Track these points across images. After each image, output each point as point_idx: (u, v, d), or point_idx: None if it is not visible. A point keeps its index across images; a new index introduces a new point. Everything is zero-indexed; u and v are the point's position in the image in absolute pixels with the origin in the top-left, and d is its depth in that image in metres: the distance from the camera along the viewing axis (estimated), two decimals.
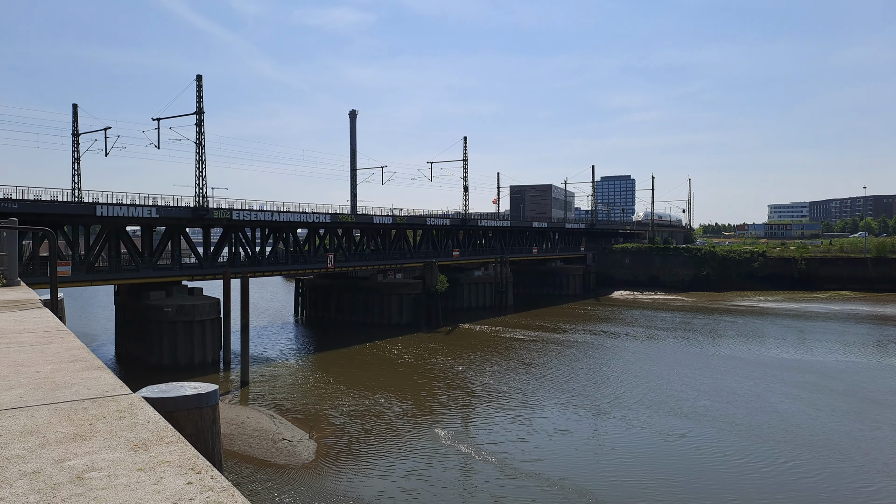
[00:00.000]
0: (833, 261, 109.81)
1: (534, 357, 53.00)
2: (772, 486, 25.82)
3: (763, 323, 72.09)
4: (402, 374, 47.44)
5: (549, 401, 38.94)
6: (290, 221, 62.57)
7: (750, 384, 42.42)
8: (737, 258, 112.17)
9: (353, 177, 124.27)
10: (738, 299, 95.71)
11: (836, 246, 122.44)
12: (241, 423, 33.98)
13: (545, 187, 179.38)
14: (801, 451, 29.72)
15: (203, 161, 55.66)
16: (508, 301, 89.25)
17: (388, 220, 74.27)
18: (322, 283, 77.78)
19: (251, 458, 29.22)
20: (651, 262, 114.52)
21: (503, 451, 29.82)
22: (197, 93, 55.08)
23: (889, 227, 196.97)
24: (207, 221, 56.31)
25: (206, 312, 50.56)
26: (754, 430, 32.71)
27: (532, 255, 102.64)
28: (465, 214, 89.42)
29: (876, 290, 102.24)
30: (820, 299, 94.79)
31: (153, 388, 6.44)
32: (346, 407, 38.08)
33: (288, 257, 66.36)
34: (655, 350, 56.13)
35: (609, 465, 28.32)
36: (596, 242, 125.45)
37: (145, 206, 50.25)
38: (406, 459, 29.13)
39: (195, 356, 49.52)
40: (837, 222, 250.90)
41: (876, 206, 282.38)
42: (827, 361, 50.27)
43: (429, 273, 73.27)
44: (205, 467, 3.33)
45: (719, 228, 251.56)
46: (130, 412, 4.46)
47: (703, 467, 28.11)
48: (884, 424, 33.79)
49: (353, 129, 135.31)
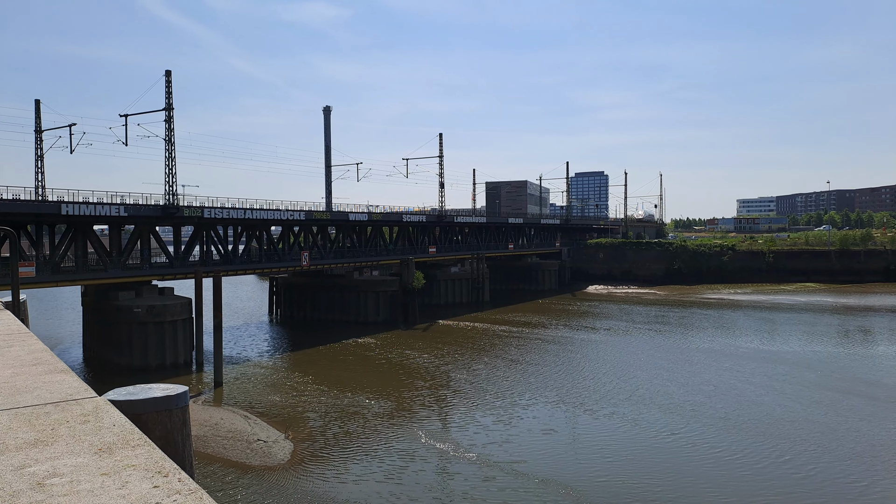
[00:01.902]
0: (799, 254, 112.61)
1: (513, 353, 53.28)
2: (754, 479, 26.29)
3: (735, 315, 73.54)
4: (379, 372, 47.29)
5: (530, 397, 39.12)
6: (263, 219, 61.84)
7: (729, 377, 43.01)
8: (707, 252, 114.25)
9: (328, 174, 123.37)
10: (709, 292, 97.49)
11: (801, 239, 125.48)
12: (215, 425, 33.51)
13: (521, 183, 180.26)
14: (781, 442, 30.06)
15: (173, 158, 54.68)
16: (485, 297, 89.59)
17: (363, 217, 73.88)
18: (297, 281, 77.09)
19: (225, 459, 28.84)
20: (624, 257, 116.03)
21: (484, 450, 29.71)
22: (166, 88, 54.08)
23: (851, 221, 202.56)
24: (178, 220, 55.37)
25: (178, 312, 49.74)
26: (737, 423, 32.94)
27: (508, 250, 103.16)
28: (441, 211, 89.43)
29: (839, 281, 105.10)
30: (787, 291, 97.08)
31: (120, 391, 6.29)
32: (323, 406, 37.82)
33: (262, 255, 65.60)
34: (633, 344, 56.83)
35: (592, 462, 28.43)
36: (571, 238, 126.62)
37: (113, 204, 49.18)
38: (384, 459, 29.03)
39: (167, 357, 48.71)
40: (803, 216, 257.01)
41: (839, 201, 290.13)
42: (798, 352, 51.47)
43: (405, 270, 73.13)
44: (172, 470, 3.24)
45: (690, 223, 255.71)
46: (95, 416, 4.34)
47: (689, 462, 28.30)
48: (856, 414, 34.75)
49: (327, 125, 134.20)
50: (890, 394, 38.15)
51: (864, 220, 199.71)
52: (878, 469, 26.88)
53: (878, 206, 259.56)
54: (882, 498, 24.20)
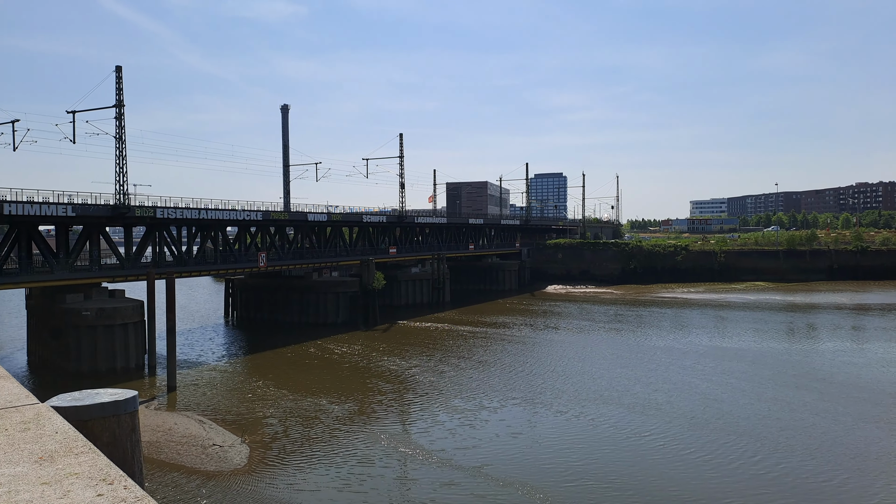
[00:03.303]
0: (749, 253, 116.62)
1: (474, 353, 53.50)
2: (720, 478, 26.77)
3: (691, 314, 75.57)
4: (339, 374, 46.84)
5: (494, 398, 39.07)
6: (218, 219, 60.50)
7: (690, 375, 43.74)
8: (662, 252, 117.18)
9: (287, 173, 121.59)
10: (664, 291, 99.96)
11: (751, 239, 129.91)
12: (169, 430, 32.63)
13: (481, 184, 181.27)
14: (744, 440, 30.57)
15: (124, 157, 53.01)
16: (446, 297, 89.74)
17: (323, 218, 73.07)
18: (254, 282, 75.71)
19: (179, 465, 28.10)
20: (582, 257, 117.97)
21: (446, 454, 29.48)
22: (117, 84, 52.37)
23: (798, 222, 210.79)
24: (129, 220, 53.72)
25: (129, 315, 48.24)
26: (701, 422, 33.32)
27: (469, 251, 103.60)
28: (401, 211, 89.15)
29: (787, 280, 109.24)
30: (738, 290, 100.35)
31: (65, 397, 6.05)
32: (281, 409, 37.23)
33: (217, 257, 64.19)
34: (596, 344, 57.60)
35: (557, 463, 28.50)
36: (530, 238, 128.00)
37: (60, 203, 47.33)
38: (344, 462, 28.74)
39: (118, 361, 47.19)
40: (753, 217, 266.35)
41: (787, 202, 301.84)
42: (754, 349, 53.10)
43: (365, 271, 72.66)
44: (118, 477, 3.13)
45: (646, 224, 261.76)
46: (36, 423, 4.16)
47: (656, 462, 28.53)
48: (809, 410, 36.11)
49: (285, 124, 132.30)
50: (840, 390, 39.58)
51: (810, 221, 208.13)
52: (837, 464, 27.98)
53: (823, 208, 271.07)
54: (839, 491, 25.22)
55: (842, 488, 25.02)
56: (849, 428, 32.12)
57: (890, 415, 34.21)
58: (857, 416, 33.89)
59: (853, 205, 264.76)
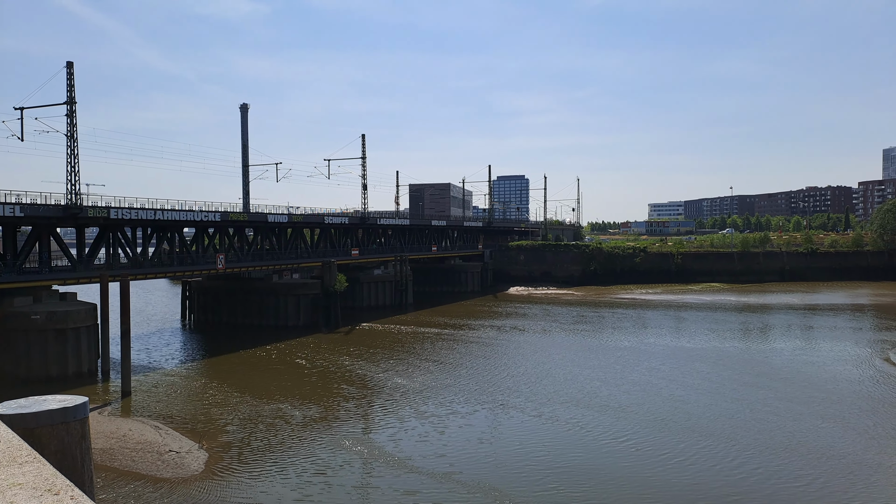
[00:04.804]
0: (705, 255, 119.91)
1: (437, 355, 53.48)
2: (690, 477, 27.30)
3: (651, 315, 77.10)
4: (300, 377, 46.23)
5: (459, 401, 39.05)
6: (175, 220, 59.06)
7: (654, 376, 44.40)
8: (621, 254, 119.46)
9: (246, 173, 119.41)
10: (623, 292, 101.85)
11: (707, 242, 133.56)
12: (123, 437, 31.68)
13: (444, 186, 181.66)
14: (702, 438, 31.25)
15: (76, 155, 51.29)
16: (409, 299, 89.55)
17: (283, 219, 72.07)
18: (212, 285, 74.15)
19: (133, 472, 27.31)
20: (544, 259, 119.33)
21: (410, 458, 29.26)
22: (68, 81, 50.66)
23: (752, 225, 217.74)
24: (81, 221, 51.98)
25: (81, 319, 46.65)
26: (668, 422, 33.78)
27: (431, 253, 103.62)
28: (364, 213, 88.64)
29: (741, 281, 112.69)
30: (694, 291, 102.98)
31: (10, 404, 5.83)
32: (240, 414, 36.53)
33: (174, 258, 62.65)
34: (560, 345, 58.03)
35: (522, 466, 28.63)
36: (493, 240, 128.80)
37: (7, 203, 45.53)
38: (305, 467, 28.38)
39: (69, 367, 45.57)
40: (709, 220, 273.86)
41: (741, 205, 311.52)
42: (713, 349, 54.46)
43: (327, 272, 71.96)
44: (64, 487, 3.03)
45: (605, 226, 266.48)
46: None
47: (625, 463, 29.00)
48: (769, 409, 37.17)
49: (244, 123, 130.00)
50: (798, 389, 40.68)
51: (763, 223, 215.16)
52: (804, 463, 28.88)
53: (775, 211, 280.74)
54: (806, 492, 26.06)
55: (808, 488, 25.61)
56: (812, 427, 32.84)
57: (849, 412, 35.38)
58: (819, 416, 34.81)
59: (804, 208, 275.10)
